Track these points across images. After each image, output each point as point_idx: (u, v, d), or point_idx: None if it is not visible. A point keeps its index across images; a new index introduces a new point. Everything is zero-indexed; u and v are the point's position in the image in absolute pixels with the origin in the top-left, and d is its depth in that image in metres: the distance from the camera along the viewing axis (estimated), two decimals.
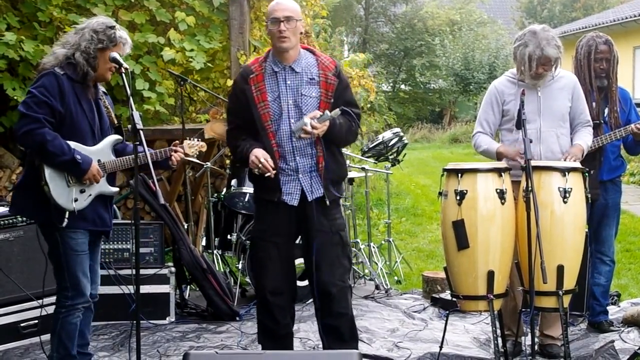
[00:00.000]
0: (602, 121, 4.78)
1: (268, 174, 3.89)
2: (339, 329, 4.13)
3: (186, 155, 4.18)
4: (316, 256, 4.02)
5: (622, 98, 4.90)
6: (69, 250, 3.89)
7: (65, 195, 3.86)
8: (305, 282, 5.37)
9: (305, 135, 3.90)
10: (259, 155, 3.90)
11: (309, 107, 3.99)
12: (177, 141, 4.21)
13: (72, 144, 3.82)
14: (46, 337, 4.30)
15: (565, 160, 4.34)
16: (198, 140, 4.29)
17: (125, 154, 4.04)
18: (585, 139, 4.49)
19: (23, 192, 3.97)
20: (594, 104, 4.73)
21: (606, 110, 4.82)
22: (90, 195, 3.94)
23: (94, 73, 3.89)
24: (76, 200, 3.88)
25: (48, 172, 3.83)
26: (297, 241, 4.27)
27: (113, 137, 4.04)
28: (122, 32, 3.97)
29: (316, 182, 4.04)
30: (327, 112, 3.90)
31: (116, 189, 4.08)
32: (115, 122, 4.12)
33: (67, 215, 3.86)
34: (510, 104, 4.48)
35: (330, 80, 4.01)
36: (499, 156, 4.44)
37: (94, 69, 3.88)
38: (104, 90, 4.14)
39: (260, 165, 3.88)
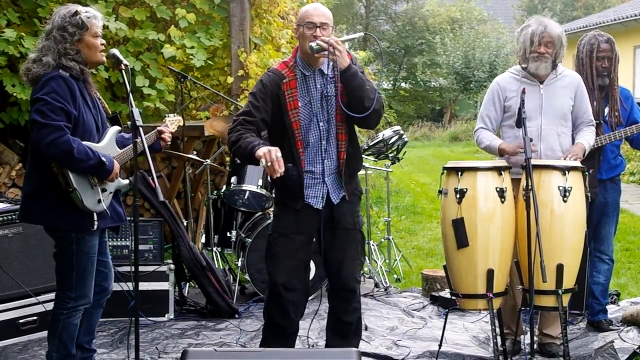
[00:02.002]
0: (602, 121, 4.78)
1: (277, 171, 3.65)
2: (351, 325, 4.16)
3: (170, 132, 4.12)
4: (341, 252, 4.05)
5: (624, 97, 4.90)
6: (83, 254, 3.81)
7: (92, 197, 3.77)
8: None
9: (323, 44, 3.79)
10: (272, 150, 3.67)
11: (331, 106, 3.98)
12: (159, 124, 4.17)
13: (85, 144, 3.72)
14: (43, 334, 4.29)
15: (565, 158, 4.34)
16: (175, 115, 4.32)
17: (126, 145, 3.95)
18: (587, 138, 4.49)
19: (39, 200, 3.77)
20: (594, 103, 4.72)
21: (606, 110, 4.82)
22: (110, 193, 3.87)
23: (87, 65, 3.81)
24: (101, 200, 3.80)
25: (74, 178, 3.70)
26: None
27: (114, 129, 3.96)
28: (88, 11, 3.80)
29: (339, 180, 4.02)
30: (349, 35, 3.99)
31: (127, 181, 4.00)
32: (110, 112, 4.07)
33: (95, 218, 3.79)
34: (512, 100, 4.48)
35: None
36: (501, 152, 4.44)
37: (85, 62, 3.79)
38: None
39: (273, 159, 3.63)
